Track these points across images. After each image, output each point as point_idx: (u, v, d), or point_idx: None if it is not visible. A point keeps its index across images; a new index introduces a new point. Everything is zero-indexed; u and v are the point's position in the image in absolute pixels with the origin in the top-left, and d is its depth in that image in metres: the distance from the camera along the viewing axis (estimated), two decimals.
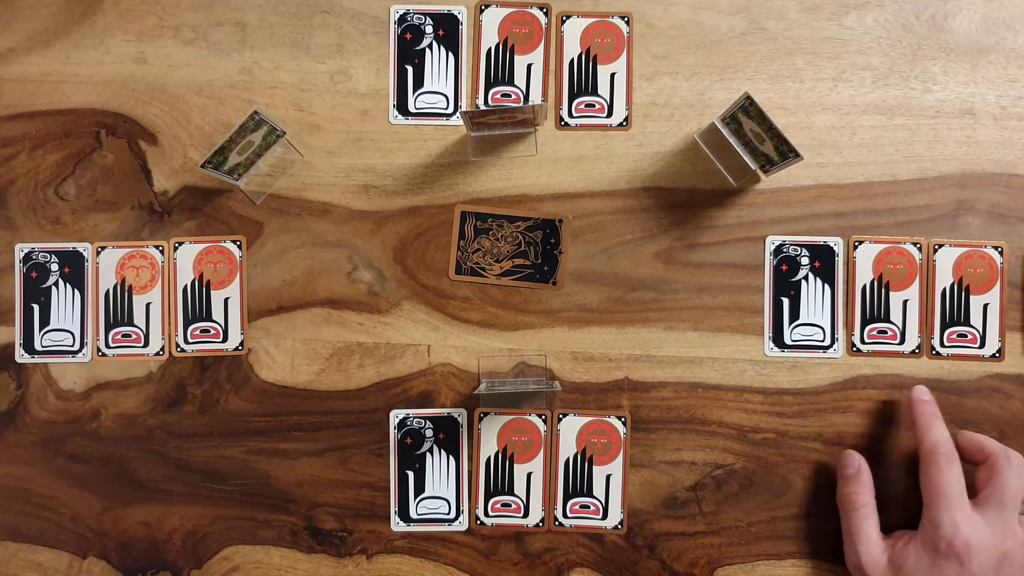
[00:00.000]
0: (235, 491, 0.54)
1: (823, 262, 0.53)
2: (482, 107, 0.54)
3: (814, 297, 0.54)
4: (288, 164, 0.55)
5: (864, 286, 0.54)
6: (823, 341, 0.53)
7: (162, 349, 0.54)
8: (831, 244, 0.53)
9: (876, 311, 0.54)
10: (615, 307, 0.54)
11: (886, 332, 0.53)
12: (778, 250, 0.54)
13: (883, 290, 0.54)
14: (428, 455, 0.54)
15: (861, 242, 0.53)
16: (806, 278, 0.54)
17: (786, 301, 0.54)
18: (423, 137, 0.54)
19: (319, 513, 0.54)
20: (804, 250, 0.54)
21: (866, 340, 0.53)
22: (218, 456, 0.54)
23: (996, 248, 0.53)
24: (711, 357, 0.54)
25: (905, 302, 0.53)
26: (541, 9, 0.54)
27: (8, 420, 0.54)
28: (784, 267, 0.54)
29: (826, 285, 0.54)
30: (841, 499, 0.51)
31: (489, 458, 0.54)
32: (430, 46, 0.55)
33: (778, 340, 0.54)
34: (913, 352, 0.53)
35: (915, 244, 0.53)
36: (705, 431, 0.53)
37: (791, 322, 0.54)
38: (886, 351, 0.53)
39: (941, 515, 0.47)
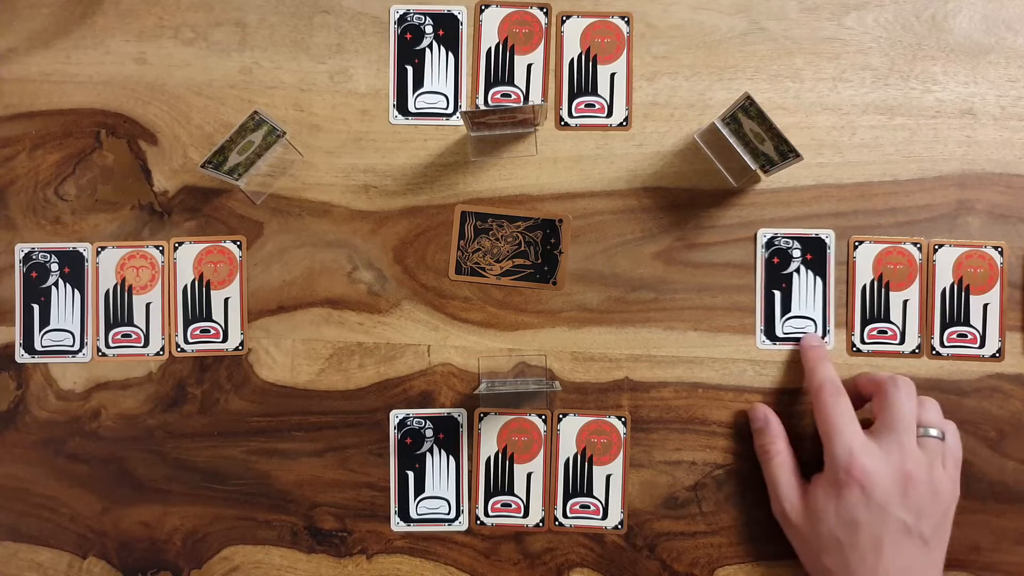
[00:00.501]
0: (235, 491, 0.54)
1: (815, 255, 0.54)
2: (482, 107, 0.54)
3: (806, 290, 0.54)
4: (288, 164, 0.55)
5: (864, 286, 0.54)
6: (816, 333, 0.53)
7: (162, 349, 0.54)
8: (823, 237, 0.53)
9: (876, 311, 0.54)
10: (615, 307, 0.54)
11: (886, 332, 0.53)
12: (769, 243, 0.54)
13: (883, 290, 0.54)
14: (428, 455, 0.54)
15: (861, 242, 0.53)
16: (798, 271, 0.54)
17: (778, 294, 0.54)
18: (423, 137, 0.54)
19: (319, 513, 0.54)
20: (795, 243, 0.54)
21: (866, 340, 0.53)
22: (218, 456, 0.54)
23: (996, 248, 0.53)
24: (711, 357, 0.54)
25: (905, 302, 0.53)
26: (541, 9, 0.54)
27: (8, 420, 0.54)
28: (776, 260, 0.54)
29: (818, 278, 0.54)
30: (757, 451, 0.52)
31: (489, 458, 0.54)
32: (430, 46, 0.55)
33: (770, 333, 0.54)
34: (913, 352, 0.53)
35: (915, 244, 0.53)
36: (705, 431, 0.54)
37: (783, 315, 0.54)
38: (886, 351, 0.53)
39: (835, 447, 0.47)
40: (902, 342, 0.53)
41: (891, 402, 0.48)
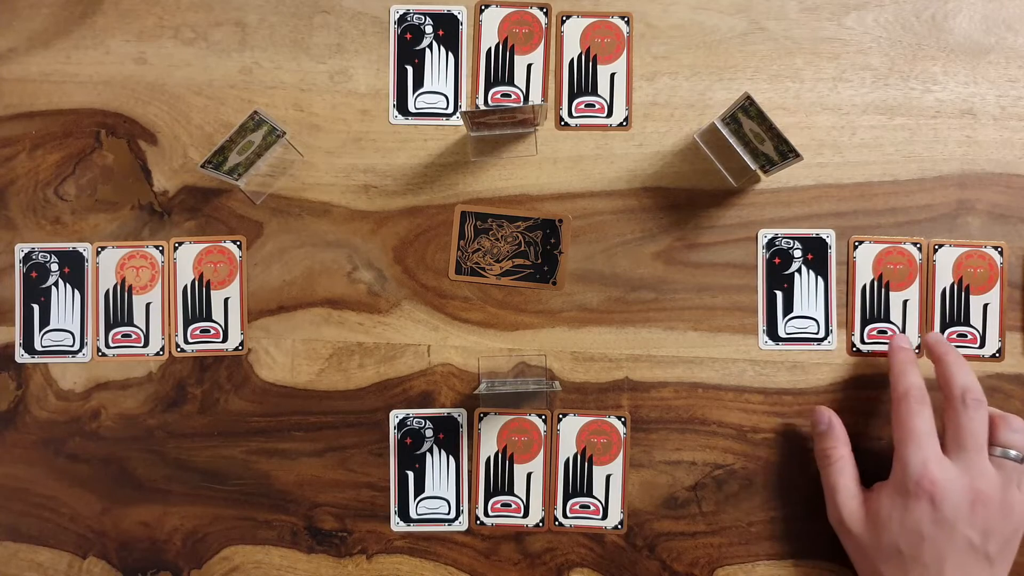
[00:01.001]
0: (235, 491, 0.54)
1: (816, 255, 0.54)
2: (482, 107, 0.54)
3: (808, 290, 0.54)
4: (288, 164, 0.55)
5: (864, 286, 0.54)
6: (817, 333, 0.53)
7: (162, 349, 0.54)
8: (823, 236, 0.53)
9: (876, 311, 0.54)
10: (615, 307, 0.54)
11: (886, 332, 0.53)
12: (771, 243, 0.54)
13: (883, 290, 0.54)
14: (428, 455, 0.54)
15: (861, 242, 0.53)
16: (799, 271, 0.54)
17: (779, 294, 0.54)
18: (423, 137, 0.54)
19: (319, 513, 0.54)
20: (796, 243, 0.54)
21: (866, 340, 0.53)
22: (218, 456, 0.54)
23: (996, 248, 0.53)
24: (711, 357, 0.54)
25: (905, 302, 0.53)
26: (541, 9, 0.54)
27: (8, 420, 0.54)
28: (777, 260, 0.54)
29: (819, 277, 0.54)
30: (817, 455, 0.51)
31: (489, 458, 0.54)
32: (430, 46, 0.55)
33: (772, 333, 0.54)
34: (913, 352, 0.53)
35: (915, 244, 0.53)
36: (705, 431, 0.53)
37: (785, 315, 0.54)
38: (886, 351, 0.53)
39: (910, 454, 0.46)
40: None
41: (960, 422, 0.47)
